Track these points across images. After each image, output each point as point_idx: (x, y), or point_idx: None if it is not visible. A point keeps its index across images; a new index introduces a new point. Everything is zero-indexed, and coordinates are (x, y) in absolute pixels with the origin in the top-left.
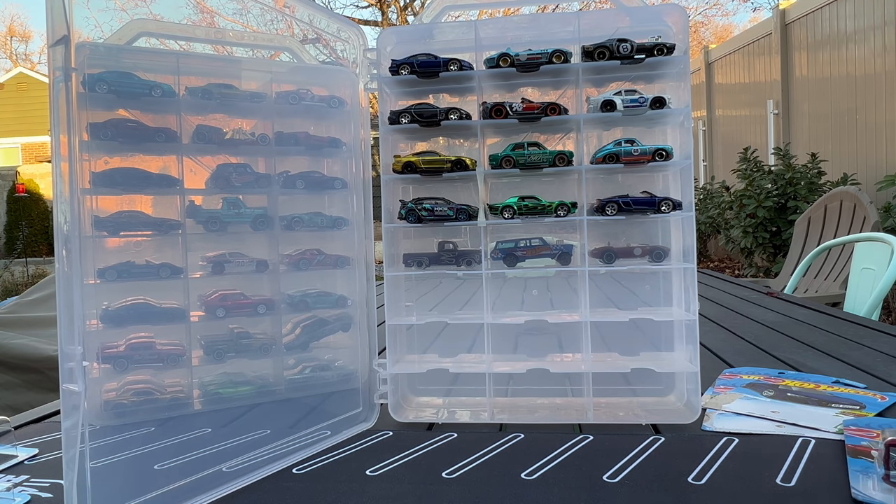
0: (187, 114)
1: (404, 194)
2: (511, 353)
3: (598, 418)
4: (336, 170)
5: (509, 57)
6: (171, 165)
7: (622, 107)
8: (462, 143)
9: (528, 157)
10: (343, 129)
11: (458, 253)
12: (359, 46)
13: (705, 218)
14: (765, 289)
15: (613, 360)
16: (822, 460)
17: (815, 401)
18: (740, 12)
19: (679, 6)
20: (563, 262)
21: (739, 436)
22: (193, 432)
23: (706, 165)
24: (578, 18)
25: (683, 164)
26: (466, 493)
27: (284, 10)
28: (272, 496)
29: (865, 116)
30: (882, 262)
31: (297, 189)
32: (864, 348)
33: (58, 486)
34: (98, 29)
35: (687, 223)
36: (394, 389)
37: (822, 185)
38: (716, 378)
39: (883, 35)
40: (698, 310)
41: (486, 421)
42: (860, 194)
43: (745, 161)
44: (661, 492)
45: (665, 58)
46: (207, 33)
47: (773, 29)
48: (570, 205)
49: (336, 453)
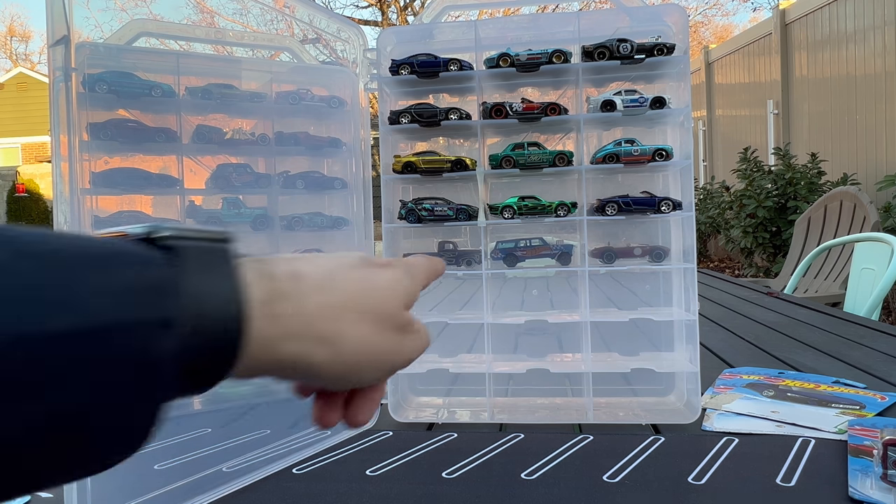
0: (187, 114)
1: (404, 194)
2: (511, 353)
3: (598, 418)
4: (336, 170)
5: (509, 57)
6: (171, 165)
7: (622, 107)
8: (462, 143)
9: (528, 157)
10: (343, 129)
11: (458, 253)
12: (359, 46)
13: (705, 218)
14: (765, 289)
15: (613, 360)
16: (822, 460)
17: (815, 401)
18: (740, 12)
19: (679, 6)
20: (563, 262)
21: (739, 436)
22: (193, 432)
23: (706, 165)
24: (578, 18)
25: (683, 164)
26: (466, 493)
27: (284, 10)
28: (272, 496)
29: (865, 116)
30: (882, 262)
31: (297, 189)
32: (864, 348)
33: None
34: (98, 29)
35: (687, 223)
36: (394, 389)
37: (822, 185)
38: (716, 378)
39: (883, 35)
40: (698, 310)
41: (486, 421)
42: (860, 194)
43: (745, 161)
44: (661, 492)
45: (665, 58)
46: (207, 33)
47: (773, 29)
48: (570, 205)
49: (336, 453)
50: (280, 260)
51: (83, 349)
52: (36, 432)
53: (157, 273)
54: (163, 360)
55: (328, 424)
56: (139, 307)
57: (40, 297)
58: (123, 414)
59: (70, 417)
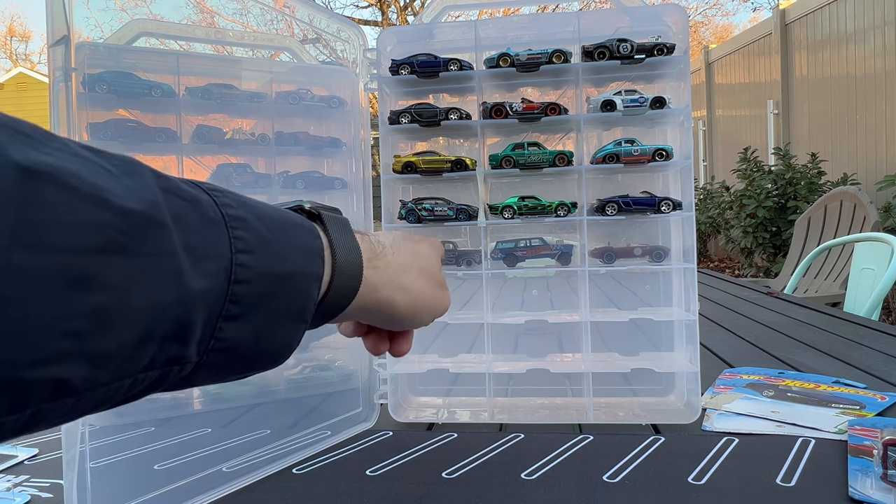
0: (187, 114)
1: (404, 194)
2: (511, 353)
3: (598, 418)
4: (336, 170)
5: (509, 57)
6: (171, 165)
7: (622, 107)
8: (462, 143)
9: (528, 157)
10: (343, 129)
11: (458, 253)
12: (359, 46)
13: (705, 218)
14: (765, 289)
15: (613, 360)
16: (822, 460)
17: (815, 401)
18: (740, 12)
19: (679, 6)
20: (563, 262)
21: (739, 436)
22: (193, 432)
23: (706, 165)
24: (578, 18)
25: (683, 164)
26: (466, 493)
27: (284, 10)
28: (272, 496)
29: (865, 116)
30: (882, 262)
31: (297, 189)
32: (864, 348)
33: (58, 486)
34: (98, 29)
35: (687, 223)
36: (394, 389)
37: (822, 185)
38: (716, 378)
39: (883, 35)
40: (698, 310)
41: (486, 421)
42: (860, 194)
43: (745, 161)
44: (661, 492)
45: (665, 58)
46: (207, 33)
47: (773, 29)
48: (570, 205)
49: (336, 453)
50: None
51: (282, 286)
52: (249, 337)
53: (319, 242)
54: (313, 299)
55: (379, 353)
56: (311, 265)
57: (269, 249)
58: (287, 332)
59: (264, 330)
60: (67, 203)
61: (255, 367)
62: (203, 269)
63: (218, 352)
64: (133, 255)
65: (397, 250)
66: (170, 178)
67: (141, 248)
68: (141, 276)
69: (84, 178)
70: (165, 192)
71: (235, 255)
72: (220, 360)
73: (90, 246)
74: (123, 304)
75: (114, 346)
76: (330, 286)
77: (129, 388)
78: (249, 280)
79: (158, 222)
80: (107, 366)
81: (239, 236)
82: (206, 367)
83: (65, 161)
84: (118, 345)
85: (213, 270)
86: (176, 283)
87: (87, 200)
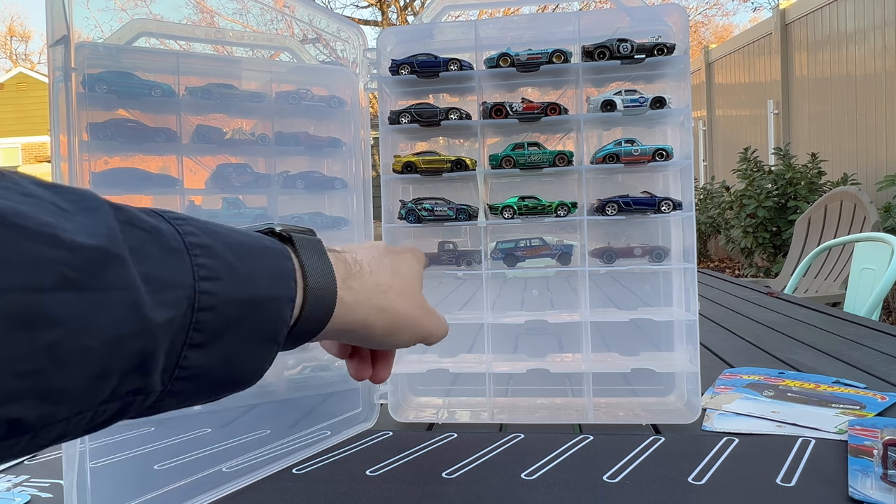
0: (187, 114)
1: (404, 194)
2: (511, 353)
3: (598, 418)
4: (336, 170)
5: (509, 57)
6: (171, 165)
7: (622, 107)
8: (462, 143)
9: (528, 157)
10: (343, 129)
11: (458, 253)
12: (359, 46)
13: (705, 218)
14: (765, 289)
15: (613, 360)
16: (822, 460)
17: (815, 401)
18: (740, 12)
19: (679, 6)
20: (563, 262)
21: (739, 436)
22: (193, 432)
23: (706, 165)
24: (578, 18)
25: (683, 164)
26: (466, 493)
27: (284, 10)
28: (272, 496)
29: (865, 116)
30: (882, 262)
31: (297, 189)
32: (864, 348)
33: (58, 486)
34: (98, 29)
35: (687, 223)
36: (394, 389)
37: (823, 185)
38: (716, 378)
39: (883, 35)
40: (698, 310)
41: (486, 421)
42: (860, 194)
43: (745, 161)
44: (661, 492)
45: (665, 58)
46: (207, 33)
47: (773, 29)
48: (570, 205)
49: (336, 453)
50: (342, 248)
51: (250, 311)
52: (216, 363)
53: (291, 264)
54: (286, 322)
55: (362, 378)
56: (282, 288)
57: (235, 275)
58: (257, 356)
59: (232, 355)
60: (15, 242)
61: (225, 391)
62: (164, 300)
63: (183, 380)
64: (87, 291)
65: (375, 269)
66: (129, 209)
67: (96, 283)
68: (97, 310)
69: (33, 217)
70: (124, 225)
71: (199, 283)
72: (187, 387)
73: (41, 284)
74: (79, 340)
75: (70, 382)
76: (303, 308)
77: (90, 421)
78: (214, 307)
79: (115, 256)
80: (64, 402)
81: (202, 263)
82: (173, 395)
83: (12, 201)
84: (74, 380)
85: (174, 300)
86: (134, 315)
87: (36, 239)
